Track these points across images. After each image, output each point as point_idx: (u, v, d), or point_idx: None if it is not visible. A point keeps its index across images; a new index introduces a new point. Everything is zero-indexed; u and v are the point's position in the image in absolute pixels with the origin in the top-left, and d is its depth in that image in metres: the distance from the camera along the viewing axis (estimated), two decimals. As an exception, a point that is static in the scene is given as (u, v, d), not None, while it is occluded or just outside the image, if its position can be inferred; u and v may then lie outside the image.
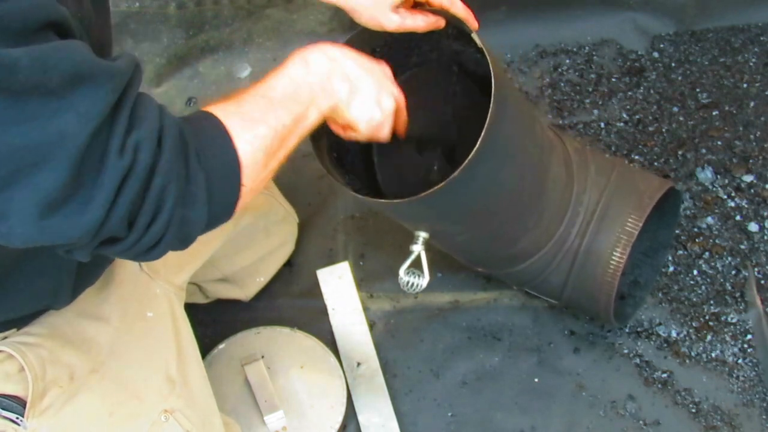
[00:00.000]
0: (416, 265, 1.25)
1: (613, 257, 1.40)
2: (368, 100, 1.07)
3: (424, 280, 1.25)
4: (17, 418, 1.07)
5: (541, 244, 1.42)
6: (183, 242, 0.88)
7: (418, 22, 1.19)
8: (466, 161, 1.11)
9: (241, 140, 0.89)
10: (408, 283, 1.26)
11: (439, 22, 1.21)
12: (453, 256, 1.55)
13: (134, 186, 0.78)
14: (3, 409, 1.07)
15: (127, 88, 0.79)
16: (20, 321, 1.12)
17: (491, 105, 1.12)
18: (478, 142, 1.11)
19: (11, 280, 1.03)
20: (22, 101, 0.71)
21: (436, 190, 1.12)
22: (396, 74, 1.35)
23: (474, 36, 1.18)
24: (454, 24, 1.21)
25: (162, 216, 0.82)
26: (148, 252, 0.85)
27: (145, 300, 1.26)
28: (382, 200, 1.19)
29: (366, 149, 1.40)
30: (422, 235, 1.25)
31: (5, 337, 1.10)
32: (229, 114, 0.90)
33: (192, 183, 0.84)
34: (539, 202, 1.37)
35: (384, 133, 1.12)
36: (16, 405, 1.08)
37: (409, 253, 1.25)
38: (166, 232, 0.83)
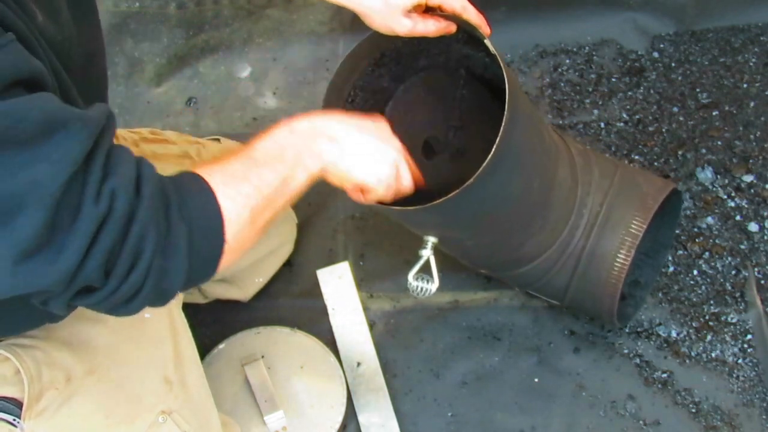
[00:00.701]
0: (425, 269, 1.25)
1: (618, 259, 1.40)
2: (367, 157, 1.06)
3: (433, 285, 1.25)
4: (14, 420, 1.07)
5: (546, 246, 1.42)
6: (161, 297, 0.87)
7: (430, 27, 1.18)
8: (480, 170, 1.11)
9: (223, 196, 0.88)
10: (417, 287, 1.26)
11: (450, 27, 1.20)
12: (458, 258, 1.55)
13: (111, 233, 0.78)
14: (0, 411, 1.07)
15: (101, 136, 0.79)
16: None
17: (505, 113, 1.11)
18: (492, 152, 1.11)
19: (9, 305, 1.02)
20: None
21: (448, 199, 1.12)
22: (404, 78, 1.35)
23: (487, 42, 1.18)
24: (465, 29, 1.21)
25: (140, 265, 0.81)
26: (125, 305, 0.84)
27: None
28: (395, 207, 1.19)
29: None
30: (431, 240, 1.25)
31: (1, 341, 1.10)
32: (212, 172, 0.90)
33: (172, 234, 0.84)
34: (545, 206, 1.38)
35: (406, 186, 1.12)
36: (12, 407, 1.08)
37: (418, 257, 1.25)
38: (144, 283, 0.82)
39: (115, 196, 0.78)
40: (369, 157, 1.06)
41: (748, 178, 1.76)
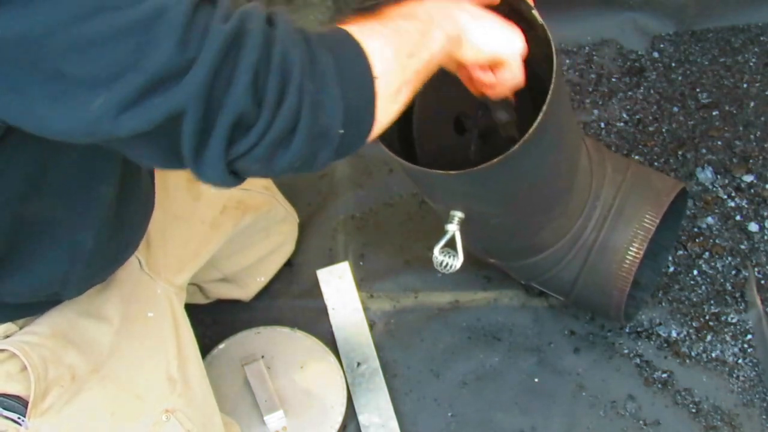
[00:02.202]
0: (450, 245, 1.24)
1: (630, 252, 1.41)
2: (500, 29, 1.00)
3: (457, 261, 1.23)
4: (19, 418, 1.07)
5: (560, 236, 1.42)
6: (322, 139, 0.80)
7: None
8: (526, 135, 1.09)
9: (361, 35, 0.83)
10: (442, 262, 1.24)
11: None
12: (470, 244, 1.54)
13: (251, 53, 0.74)
14: (4, 409, 1.07)
15: None
16: (26, 309, 1.12)
17: (553, 79, 1.10)
18: (539, 119, 1.09)
19: (25, 256, 1.00)
20: None
21: (490, 165, 1.10)
22: None
23: (534, 13, 1.13)
24: (509, 3, 1.18)
25: (291, 88, 0.75)
26: (285, 146, 0.78)
27: (146, 300, 1.25)
28: (436, 171, 1.15)
29: (405, 128, 1.39)
30: (458, 215, 1.24)
31: (7, 336, 1.10)
32: (342, 25, 0.86)
33: (318, 62, 0.78)
34: (568, 191, 1.38)
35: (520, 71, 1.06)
36: (17, 405, 1.07)
37: (444, 232, 1.23)
38: (300, 114, 0.77)
39: (247, 19, 0.75)
40: (502, 29, 1.00)
41: (748, 178, 1.77)
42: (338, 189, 1.85)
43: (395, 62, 0.85)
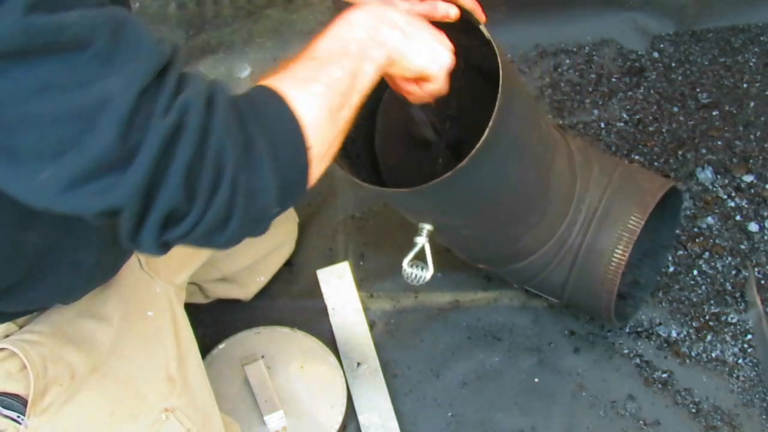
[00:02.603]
0: (420, 257, 1.25)
1: (615, 255, 1.40)
2: (429, 44, 1.03)
3: (428, 273, 1.25)
4: (18, 416, 1.07)
5: (543, 241, 1.42)
6: (258, 220, 0.83)
7: (426, 8, 1.14)
8: (474, 151, 1.11)
9: (296, 101, 0.85)
10: (412, 275, 1.25)
11: (449, 12, 1.15)
12: (455, 252, 1.55)
13: (187, 147, 0.75)
14: (4, 407, 1.07)
15: (172, 58, 0.78)
16: (25, 312, 1.12)
17: (499, 95, 1.11)
18: (486, 132, 1.10)
19: (32, 276, 1.02)
20: (69, 64, 0.70)
21: (442, 180, 1.12)
22: None
23: (482, 28, 1.17)
24: (462, 17, 1.20)
25: (224, 181, 0.77)
26: (221, 232, 0.80)
27: (146, 299, 1.26)
28: (390, 189, 1.18)
29: (370, 142, 1.40)
30: (426, 227, 1.25)
31: (7, 335, 1.10)
32: (280, 80, 0.87)
33: (252, 148, 0.80)
34: (543, 198, 1.38)
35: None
36: (16, 403, 1.07)
37: (413, 245, 1.25)
38: (233, 203, 0.78)
39: (187, 109, 0.76)
40: (431, 43, 1.03)
41: (748, 178, 1.77)
42: (338, 189, 1.85)
43: (328, 123, 0.87)
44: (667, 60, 1.97)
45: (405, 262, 1.25)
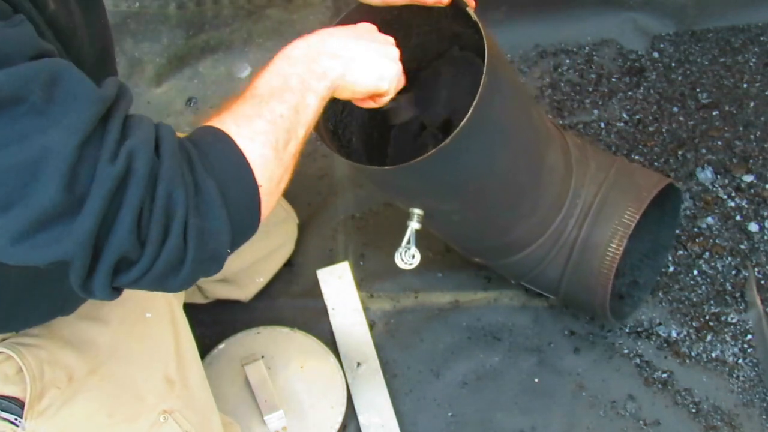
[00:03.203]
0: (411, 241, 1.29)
1: (610, 249, 1.41)
2: (373, 63, 1.03)
3: (418, 255, 1.28)
4: (16, 419, 1.07)
5: (538, 234, 1.43)
6: (212, 260, 0.83)
7: None
8: (458, 129, 1.12)
9: (242, 139, 0.86)
10: (406, 253, 1.28)
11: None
12: (450, 244, 1.56)
13: (135, 194, 0.75)
14: (1, 410, 1.07)
15: (114, 103, 0.78)
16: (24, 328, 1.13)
17: (484, 74, 1.12)
18: (470, 110, 1.12)
19: (18, 310, 1.04)
20: (5, 120, 0.70)
21: (426, 157, 1.13)
22: None
23: (469, 11, 1.18)
24: (453, 3, 1.21)
25: (175, 227, 0.78)
26: (174, 275, 0.80)
27: (144, 301, 1.25)
28: (375, 167, 1.20)
29: (366, 130, 1.41)
30: (416, 211, 1.27)
31: (4, 339, 1.10)
32: (223, 120, 0.88)
33: (202, 191, 0.80)
34: (534, 189, 1.38)
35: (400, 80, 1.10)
36: (14, 406, 1.08)
37: (405, 229, 1.28)
38: (186, 247, 0.79)
39: (134, 156, 0.76)
40: (375, 61, 1.04)
41: (748, 178, 1.77)
42: (338, 189, 1.85)
43: (275, 160, 0.88)
44: (667, 60, 1.97)
45: (401, 248, 1.29)
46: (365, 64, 1.03)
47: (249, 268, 1.63)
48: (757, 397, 1.53)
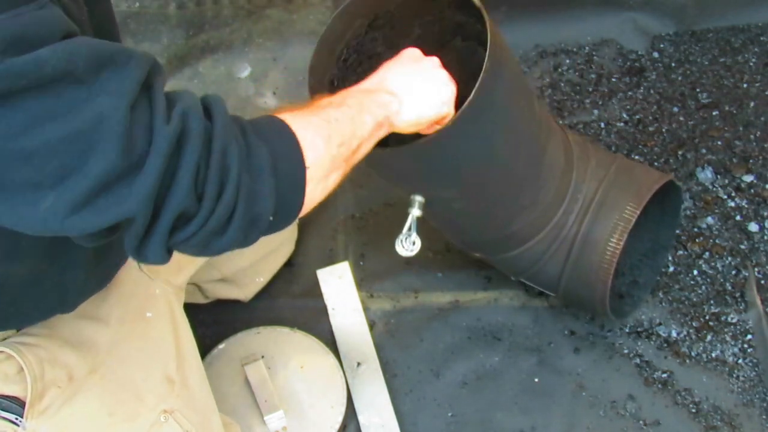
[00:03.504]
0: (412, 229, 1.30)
1: (610, 244, 1.41)
2: (430, 95, 1.09)
3: (419, 242, 1.29)
4: (16, 418, 1.07)
5: (538, 228, 1.43)
6: (253, 226, 0.85)
7: None
8: (459, 112, 1.13)
9: (295, 125, 0.89)
10: (406, 240, 1.29)
11: None
12: (450, 238, 1.56)
13: (193, 150, 0.77)
14: (2, 409, 1.07)
15: (152, 70, 0.79)
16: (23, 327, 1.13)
17: (486, 59, 1.13)
18: (472, 93, 1.13)
19: (17, 307, 1.04)
20: (55, 94, 0.71)
21: (427, 141, 1.14)
22: (399, 45, 1.36)
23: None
24: None
25: (230, 181, 0.80)
26: (220, 236, 0.83)
27: (145, 300, 1.26)
28: (376, 149, 1.22)
29: None
30: (417, 198, 1.28)
31: (4, 338, 1.10)
32: (278, 113, 0.92)
33: (254, 154, 0.84)
34: (535, 181, 1.38)
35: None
36: (15, 406, 1.08)
37: (406, 216, 1.29)
38: (236, 205, 0.81)
39: (187, 117, 0.78)
40: (432, 93, 1.09)
41: (748, 178, 1.77)
42: (338, 189, 1.84)
43: (325, 151, 0.91)
44: (667, 60, 1.97)
45: (401, 236, 1.30)
46: (423, 98, 1.08)
47: (249, 268, 1.63)
48: (757, 397, 1.53)
